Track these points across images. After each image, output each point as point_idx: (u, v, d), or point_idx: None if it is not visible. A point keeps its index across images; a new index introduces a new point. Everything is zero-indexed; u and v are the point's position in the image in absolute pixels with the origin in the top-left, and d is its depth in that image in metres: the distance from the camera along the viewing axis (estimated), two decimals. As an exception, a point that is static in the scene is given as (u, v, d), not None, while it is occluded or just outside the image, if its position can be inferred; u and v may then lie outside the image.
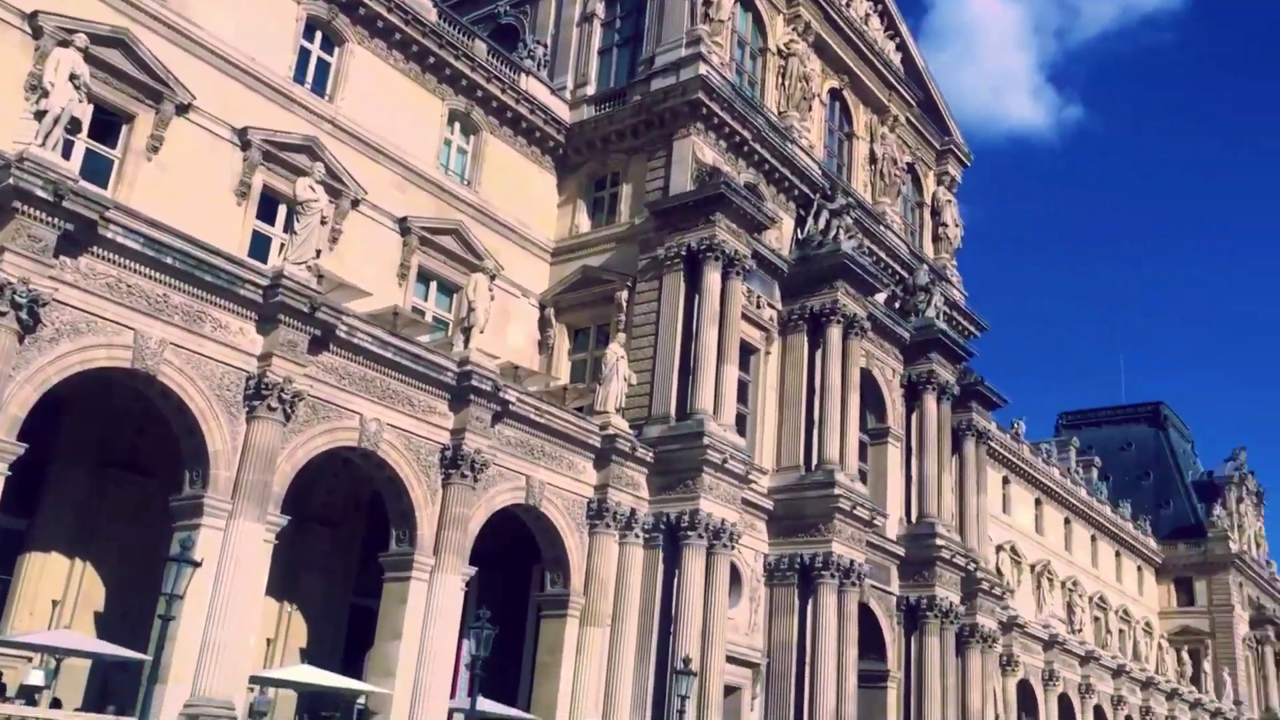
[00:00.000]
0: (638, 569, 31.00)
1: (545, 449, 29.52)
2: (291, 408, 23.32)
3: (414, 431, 26.26)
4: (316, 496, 29.37)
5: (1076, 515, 67.45)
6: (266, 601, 25.77)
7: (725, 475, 31.66)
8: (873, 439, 42.27)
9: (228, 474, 22.40)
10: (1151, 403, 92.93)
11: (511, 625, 30.69)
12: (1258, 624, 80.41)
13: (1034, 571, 59.73)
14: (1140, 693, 62.25)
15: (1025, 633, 51.45)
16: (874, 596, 38.95)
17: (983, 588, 43.67)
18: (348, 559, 30.40)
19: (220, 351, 22.72)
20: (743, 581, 34.06)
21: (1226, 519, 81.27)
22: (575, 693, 29.20)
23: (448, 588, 26.00)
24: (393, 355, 25.72)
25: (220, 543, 21.82)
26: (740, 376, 35.05)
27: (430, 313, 33.39)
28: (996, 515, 54.92)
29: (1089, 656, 56.85)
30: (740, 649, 33.17)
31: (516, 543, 30.81)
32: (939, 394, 43.41)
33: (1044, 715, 52.69)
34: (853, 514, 35.21)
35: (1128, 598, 73.14)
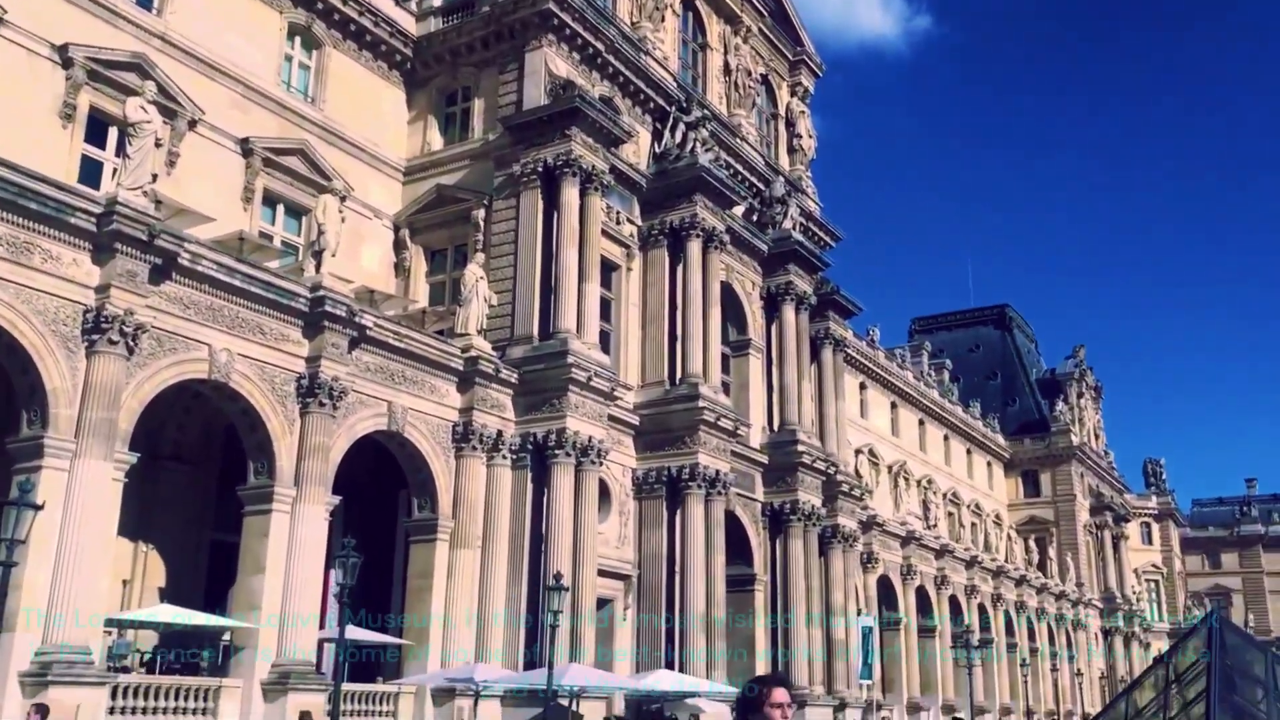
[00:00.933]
0: (506, 490, 31.02)
1: (406, 374, 29.05)
2: (134, 341, 22.29)
3: (267, 361, 25.46)
4: (168, 432, 28.36)
5: (930, 417, 70.28)
6: (120, 542, 24.96)
7: (591, 393, 31.76)
8: (735, 351, 42.97)
9: (69, 412, 21.37)
10: (997, 306, 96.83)
11: (381, 552, 30.46)
12: (1097, 511, 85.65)
13: (891, 472, 62.15)
14: (991, 581, 65.86)
15: (884, 531, 53.68)
16: (740, 504, 39.95)
17: (843, 490, 45.25)
18: (205, 495, 29.52)
19: (53, 284, 21.50)
20: (612, 496, 34.46)
21: (1068, 414, 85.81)
22: (448, 615, 29.24)
23: (311, 518, 25.54)
24: (240, 283, 24.76)
25: (65, 484, 20.89)
26: (602, 294, 35.03)
27: (279, 237, 32.23)
28: (855, 420, 56.76)
29: (944, 550, 59.73)
30: (611, 562, 33.68)
31: (382, 469, 30.45)
32: (797, 304, 44.28)
33: (903, 607, 55.31)
34: (717, 425, 35.86)
35: (979, 493, 76.91)
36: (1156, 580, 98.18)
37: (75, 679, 20.06)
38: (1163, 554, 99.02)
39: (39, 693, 19.74)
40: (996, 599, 66.02)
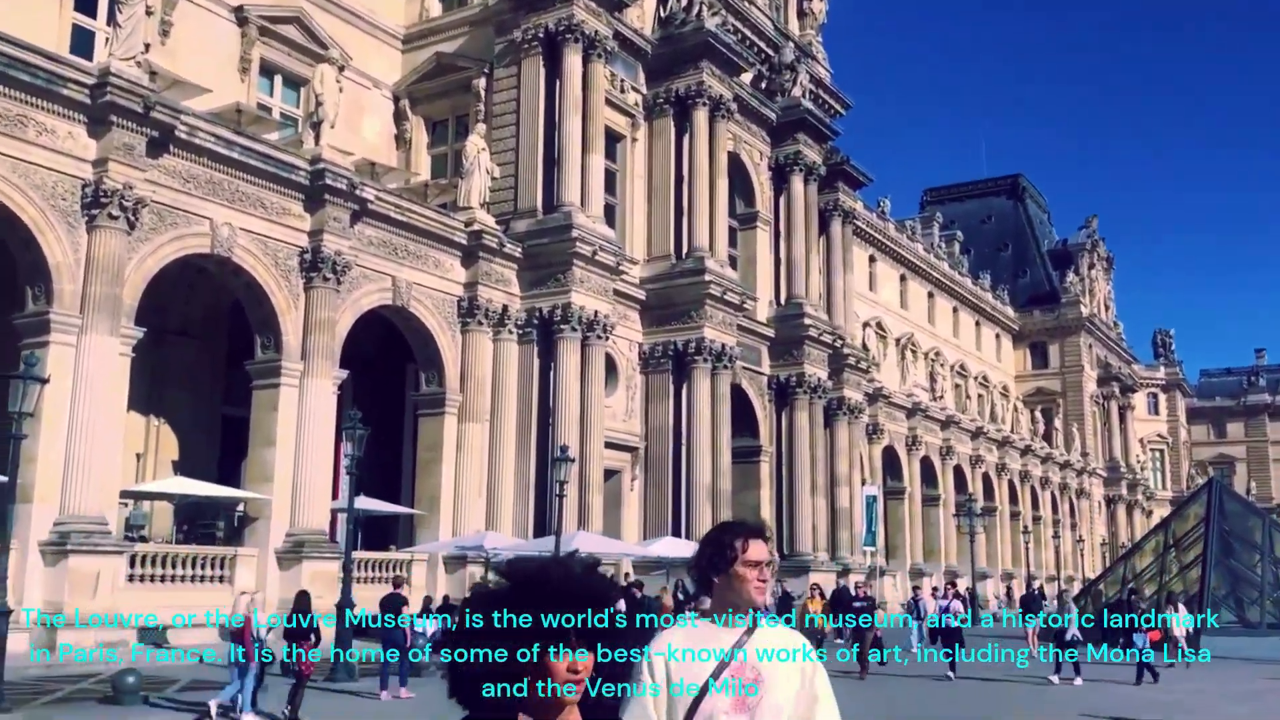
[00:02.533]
0: (513, 364, 31.17)
1: (410, 248, 28.91)
2: (135, 215, 22.16)
3: (269, 235, 25.33)
4: (175, 308, 28.40)
5: (939, 289, 69.94)
6: (132, 416, 25.24)
7: (596, 267, 31.61)
8: (742, 224, 42.58)
9: (73, 287, 21.38)
10: (1010, 176, 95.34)
11: (391, 426, 30.83)
12: (1104, 382, 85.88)
13: (899, 345, 62.17)
14: (996, 451, 66.54)
15: (890, 403, 54.02)
16: (746, 378, 40.15)
17: (849, 363, 45.39)
18: (214, 369, 29.75)
19: (50, 158, 21.26)
20: (619, 370, 34.63)
21: (1079, 285, 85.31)
22: (458, 486, 29.75)
23: (319, 392, 25.77)
24: (239, 155, 24.46)
25: (73, 359, 21.04)
26: (607, 165, 34.54)
27: (277, 109, 31.70)
28: (863, 293, 56.55)
29: (949, 421, 60.20)
30: (618, 435, 34.06)
31: (390, 344, 30.58)
32: (806, 175, 43.66)
33: (907, 477, 56.08)
34: (723, 299, 35.78)
35: (987, 365, 77.07)
36: (1161, 450, 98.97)
37: (93, 548, 20.57)
38: (1169, 424, 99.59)
39: (59, 561, 20.29)
40: (1001, 469, 66.82)
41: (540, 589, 2.26)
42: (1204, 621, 29.83)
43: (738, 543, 3.55)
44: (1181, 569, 33.36)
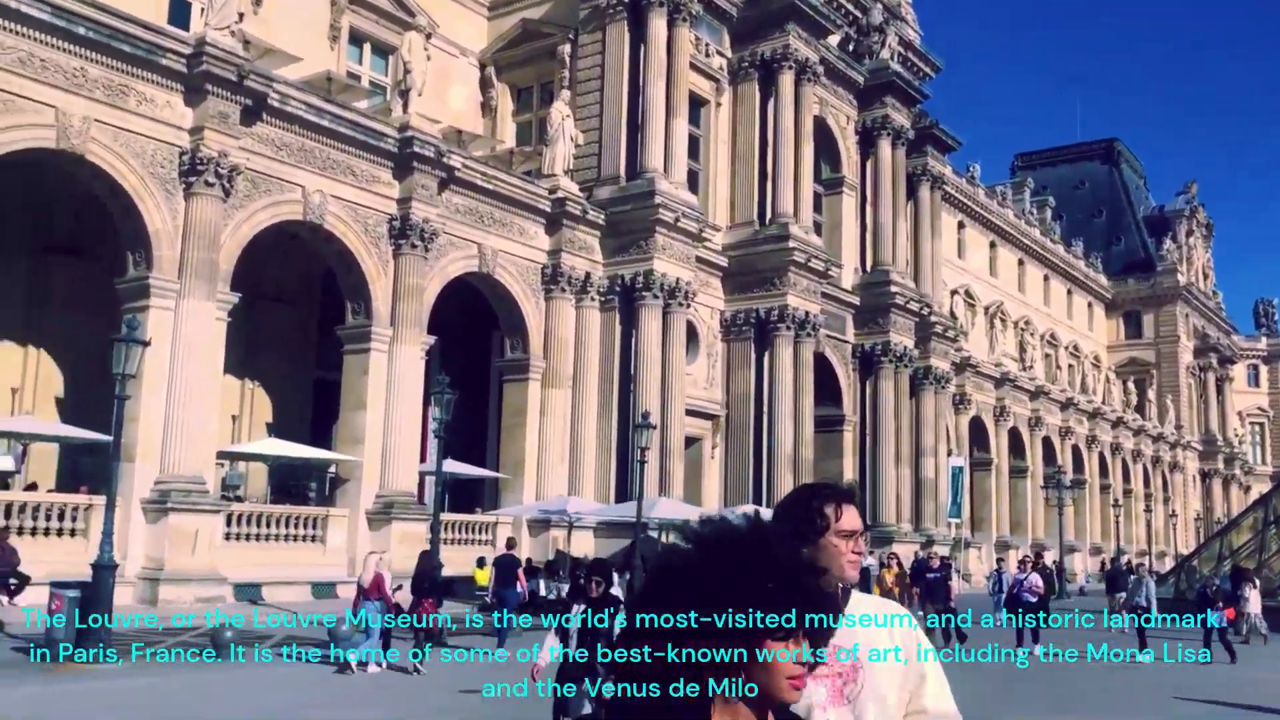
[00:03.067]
0: (595, 331, 31.33)
1: (495, 215, 29.15)
2: (230, 182, 22.69)
3: (359, 202, 25.75)
4: (268, 274, 29.07)
5: (1030, 256, 68.37)
6: (227, 379, 25.98)
7: (678, 234, 31.52)
8: (827, 189, 42.04)
9: (171, 253, 22.01)
10: (1105, 140, 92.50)
11: (476, 392, 31.25)
12: (1201, 353, 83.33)
13: (987, 313, 60.99)
14: (1087, 422, 65.10)
15: (978, 372, 53.11)
16: (829, 345, 39.78)
17: (936, 331, 44.69)
18: (306, 334, 30.45)
19: (149, 127, 21.85)
20: (700, 338, 34.58)
21: (1176, 252, 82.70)
22: (541, 451, 30.10)
23: (407, 358, 26.21)
24: (330, 123, 24.86)
25: (171, 323, 21.69)
26: (690, 131, 34.33)
27: (366, 77, 32.09)
28: (951, 260, 55.51)
29: (1039, 391, 59.01)
30: (700, 402, 34.06)
31: (475, 311, 30.92)
32: (894, 139, 42.90)
33: (994, 448, 55.17)
34: (807, 266, 35.44)
35: (1078, 334, 75.25)
36: (1262, 423, 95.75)
37: (192, 506, 21.27)
38: (1270, 396, 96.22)
39: (160, 519, 21.03)
40: (1091, 441, 65.37)
41: (763, 567, 1.74)
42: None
43: (829, 509, 3.05)
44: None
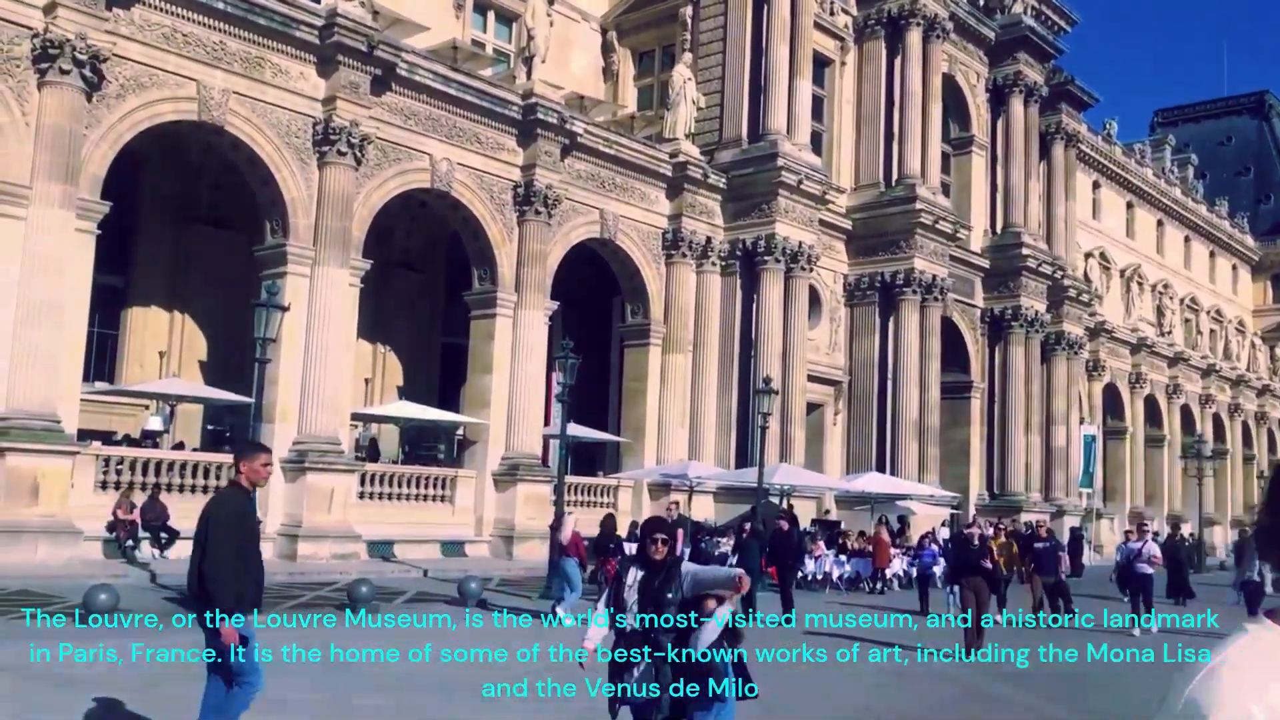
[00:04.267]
0: (716, 296, 31.22)
1: (616, 181, 29.22)
2: (361, 151, 23.25)
3: (485, 170, 26.11)
4: (396, 241, 29.80)
5: (1170, 216, 65.34)
6: (360, 344, 26.76)
7: (801, 197, 31.10)
8: (956, 149, 40.89)
9: (306, 221, 22.70)
10: (1255, 92, 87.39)
11: (597, 357, 31.49)
12: (1355, 317, 78.76)
13: (1124, 277, 58.64)
14: (1229, 390, 62.28)
15: (1112, 338, 51.23)
16: (957, 310, 38.86)
17: (1069, 295, 43.23)
18: (433, 300, 31.14)
19: (284, 98, 22.52)
20: (822, 302, 34.15)
21: (1330, 211, 78.12)
22: (662, 415, 30.24)
23: (532, 322, 26.58)
24: (456, 91, 25.23)
25: (307, 289, 22.42)
26: (814, 91, 33.75)
27: (490, 45, 32.36)
28: (1086, 221, 53.45)
29: (1177, 358, 56.65)
30: (821, 368, 33.69)
31: (596, 277, 31.12)
32: (1026, 96, 41.43)
33: (1129, 416, 53.25)
34: (935, 228, 34.60)
35: (1221, 298, 71.78)
36: None
37: (328, 466, 22.04)
38: None
39: (298, 478, 21.85)
40: (1234, 409, 62.53)
41: None
42: None
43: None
44: None
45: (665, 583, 5.78)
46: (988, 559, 14.77)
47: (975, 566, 14.58)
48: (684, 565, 6.03)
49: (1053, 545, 20.88)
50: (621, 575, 5.98)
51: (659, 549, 5.88)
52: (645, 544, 5.98)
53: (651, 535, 5.96)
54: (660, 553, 5.88)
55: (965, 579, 14.58)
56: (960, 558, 15.22)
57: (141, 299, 25.85)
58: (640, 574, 5.88)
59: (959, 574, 15.05)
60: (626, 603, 5.81)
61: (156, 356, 25.94)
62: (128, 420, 25.18)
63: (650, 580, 5.82)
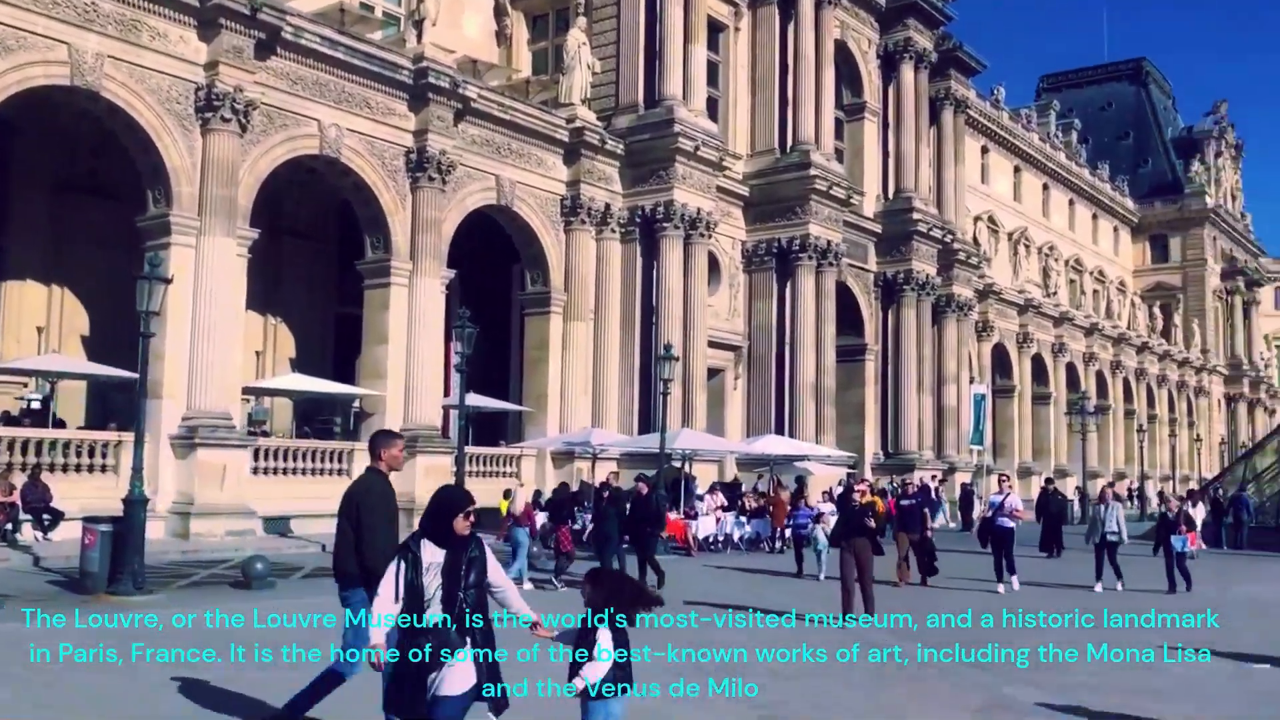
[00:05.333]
0: (616, 263, 31.22)
1: (512, 146, 28.91)
2: (246, 117, 22.55)
3: (375, 135, 25.57)
4: (287, 209, 29.07)
5: (1055, 180, 67.35)
6: (250, 315, 26.09)
7: (698, 163, 31.21)
8: (849, 115, 41.45)
9: (190, 190, 21.97)
10: (1133, 60, 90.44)
11: (497, 326, 31.27)
12: (1229, 275, 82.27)
13: (1011, 239, 60.32)
14: (1112, 348, 64.66)
15: (1001, 299, 52.71)
16: (851, 274, 39.53)
17: (959, 258, 44.31)
18: (327, 269, 30.49)
19: (163, 62, 21.68)
20: (721, 269, 34.41)
21: (1204, 174, 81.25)
22: (565, 384, 30.20)
23: (428, 291, 26.22)
24: (344, 55, 24.61)
25: (193, 260, 21.74)
26: (709, 57, 33.81)
27: (379, 7, 31.58)
28: (975, 186, 54.75)
29: (1063, 317, 58.57)
30: (722, 333, 34.00)
31: (494, 244, 30.82)
32: (916, 63, 42.14)
33: (1017, 375, 54.97)
34: (829, 194, 35.07)
35: (1103, 259, 74.37)
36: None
37: (219, 442, 21.50)
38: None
39: (188, 454, 21.27)
40: (1116, 366, 65.03)
41: None
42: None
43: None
44: (1306, 469, 32.25)
45: (471, 567, 4.98)
46: (871, 518, 13.96)
47: (860, 527, 13.84)
48: (488, 551, 5.18)
49: (919, 502, 20.28)
50: (416, 552, 5.03)
51: (465, 523, 5.04)
52: (449, 517, 5.04)
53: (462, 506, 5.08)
54: (466, 528, 5.05)
55: (849, 540, 13.81)
56: (844, 517, 14.45)
57: (16, 273, 24.77)
58: (442, 555, 4.98)
59: (844, 534, 14.15)
60: (424, 592, 4.92)
61: (35, 332, 24.92)
62: (3, 399, 24.19)
63: (456, 563, 4.97)
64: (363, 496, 6.94)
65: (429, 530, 5.10)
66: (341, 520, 7.01)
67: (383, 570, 5.89)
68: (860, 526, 13.83)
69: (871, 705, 9.26)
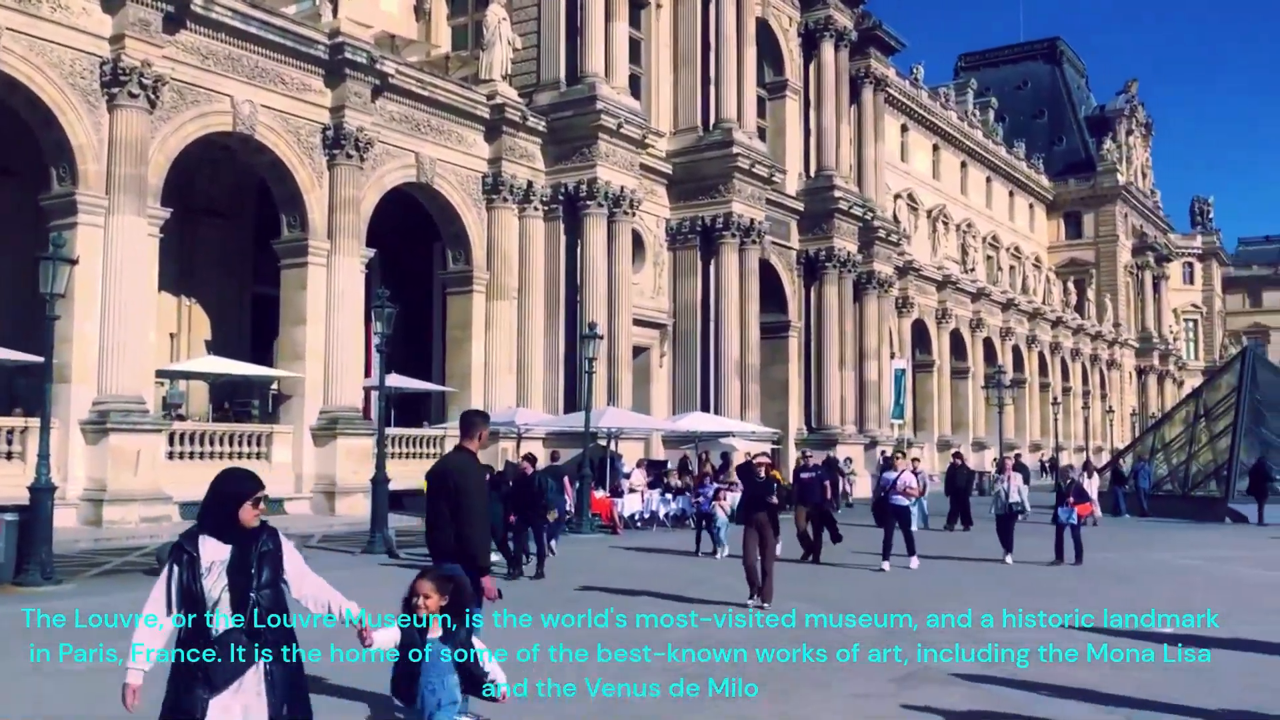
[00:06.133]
0: (540, 241, 31.01)
1: (432, 123, 28.52)
2: (155, 93, 21.92)
3: (291, 112, 25.03)
4: (200, 187, 28.36)
5: (973, 158, 68.50)
6: (163, 297, 25.48)
7: (622, 141, 31.09)
8: (771, 93, 41.62)
9: (97, 168, 21.31)
10: (1048, 39, 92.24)
11: (420, 305, 30.92)
12: (1139, 251, 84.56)
13: (930, 217, 61.25)
14: (1027, 323, 66.15)
15: (920, 276, 53.55)
16: (775, 252, 39.81)
17: (880, 236, 44.86)
18: (243, 249, 29.82)
19: (65, 35, 20.96)
20: (646, 247, 34.40)
21: (1116, 152, 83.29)
22: (488, 363, 29.97)
23: (347, 270, 25.81)
24: (257, 30, 24.02)
25: (101, 240, 21.13)
26: (631, 34, 33.66)
27: (294, -19, 30.91)
28: (895, 164, 55.46)
29: (980, 293, 59.72)
30: (647, 311, 34.02)
31: (415, 223, 30.43)
32: (836, 41, 42.44)
33: (937, 350, 55.96)
34: (751, 172, 35.22)
35: (1019, 236, 75.94)
36: (1195, 320, 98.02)
37: (132, 426, 20.97)
38: (1203, 293, 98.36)
39: (100, 439, 20.72)
40: (1031, 341, 66.54)
41: None
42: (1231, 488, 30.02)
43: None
44: (1211, 438, 33.30)
45: (264, 563, 4.31)
46: (774, 494, 13.11)
47: (762, 501, 12.96)
48: (284, 542, 4.47)
49: (819, 475, 19.77)
50: (193, 552, 4.29)
51: (253, 513, 4.37)
52: (233, 507, 4.35)
53: (249, 493, 4.37)
54: (254, 518, 4.37)
55: (753, 517, 12.88)
56: (747, 493, 13.39)
57: (-87, 254, 23.83)
58: (227, 551, 4.29)
59: (748, 511, 13.16)
60: (206, 596, 4.23)
61: (-67, 316, 23.99)
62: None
63: (245, 560, 4.29)
64: (460, 477, 6.99)
65: (209, 524, 4.36)
66: (436, 500, 7.04)
67: (485, 550, 5.90)
68: (763, 502, 13.00)
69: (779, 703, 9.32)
